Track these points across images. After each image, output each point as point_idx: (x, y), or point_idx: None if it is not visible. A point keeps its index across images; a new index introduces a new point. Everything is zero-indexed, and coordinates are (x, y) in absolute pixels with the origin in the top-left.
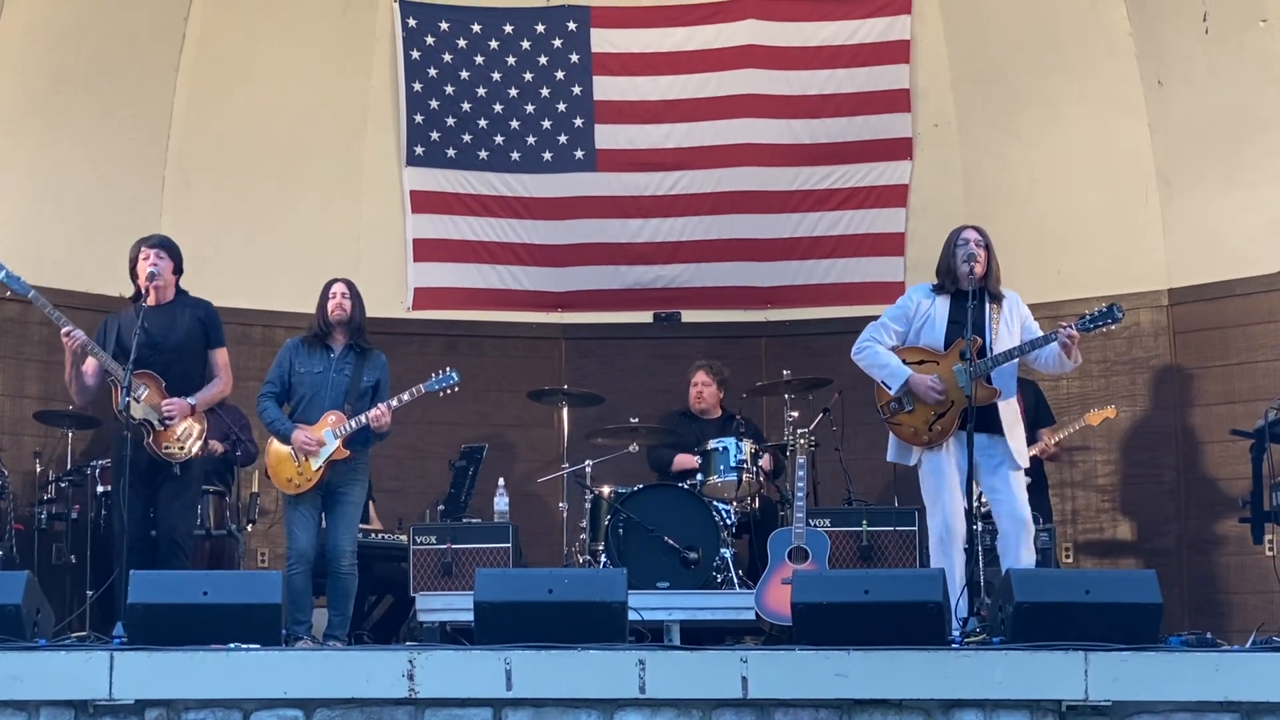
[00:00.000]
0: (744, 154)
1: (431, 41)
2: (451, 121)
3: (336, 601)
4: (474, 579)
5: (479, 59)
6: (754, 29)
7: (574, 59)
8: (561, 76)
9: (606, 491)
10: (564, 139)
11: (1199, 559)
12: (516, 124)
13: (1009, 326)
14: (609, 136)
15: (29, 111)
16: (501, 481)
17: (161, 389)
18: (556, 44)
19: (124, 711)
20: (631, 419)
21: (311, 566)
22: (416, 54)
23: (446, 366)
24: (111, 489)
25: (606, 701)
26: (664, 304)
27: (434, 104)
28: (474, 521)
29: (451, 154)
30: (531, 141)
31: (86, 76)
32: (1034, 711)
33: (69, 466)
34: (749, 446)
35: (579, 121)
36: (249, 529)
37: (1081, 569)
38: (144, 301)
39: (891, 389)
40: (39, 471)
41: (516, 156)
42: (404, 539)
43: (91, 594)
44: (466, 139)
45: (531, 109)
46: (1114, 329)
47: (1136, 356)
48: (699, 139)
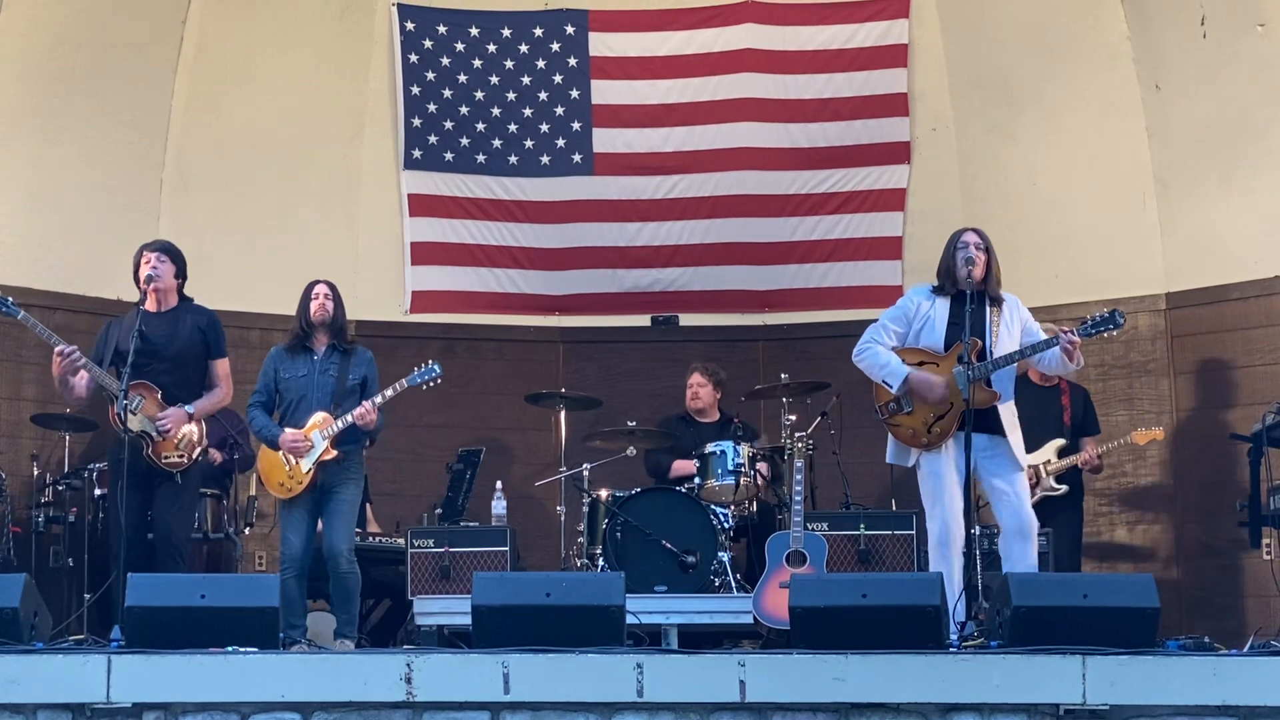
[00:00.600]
0: (742, 158)
1: (429, 45)
2: (449, 125)
3: (341, 602)
4: (471, 582)
5: (477, 62)
6: (752, 33)
7: (572, 62)
8: (559, 80)
9: (604, 495)
10: (562, 142)
11: (1196, 563)
12: (514, 127)
13: (1009, 329)
14: (607, 140)
15: (27, 113)
16: (499, 485)
17: (158, 399)
18: (554, 47)
19: (121, 714)
20: (629, 422)
21: (305, 570)
22: (414, 57)
23: (429, 359)
24: (109, 492)
25: (604, 705)
26: (662, 307)
27: (432, 107)
28: (471, 525)
29: (449, 157)
30: (529, 145)
31: (85, 79)
32: (1032, 715)
33: (66, 469)
34: (746, 450)
35: (577, 125)
36: (246, 532)
37: (1079, 573)
38: (143, 305)
39: (893, 387)
40: (36, 474)
41: (514, 160)
42: (401, 542)
43: (89, 597)
44: (464, 142)
45: (529, 112)
46: (1114, 333)
47: (1134, 360)
48: (697, 143)
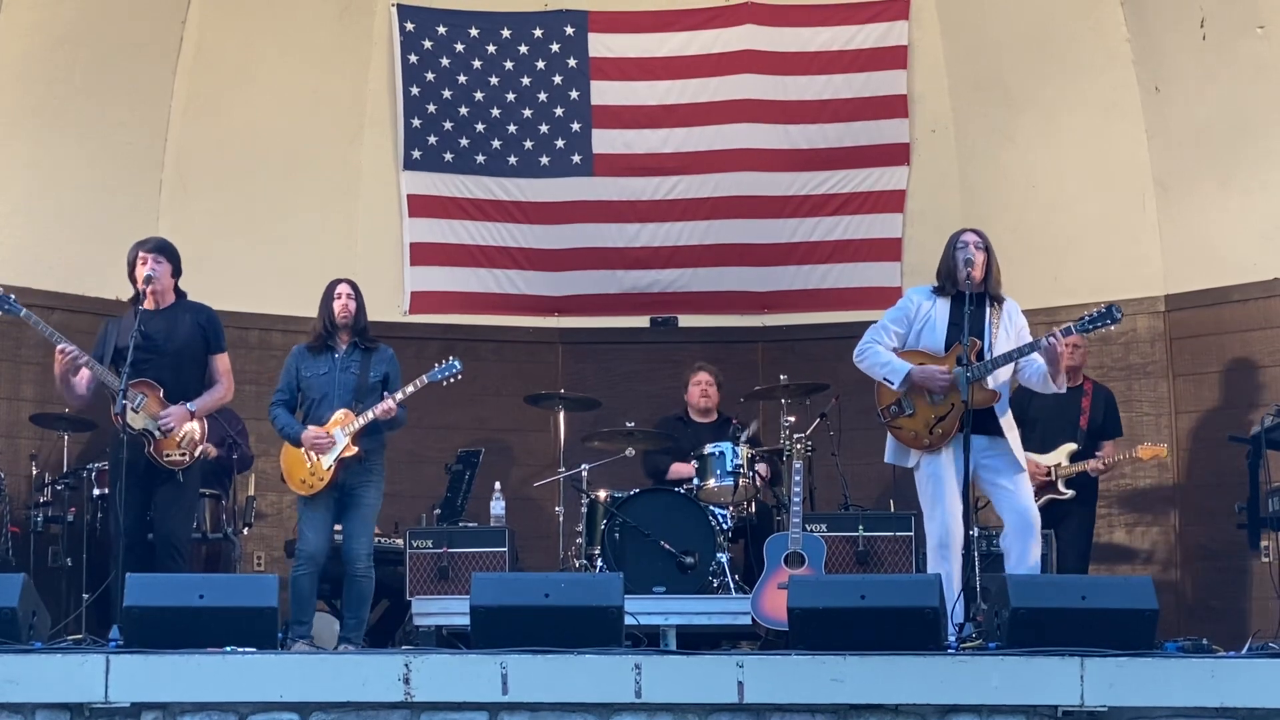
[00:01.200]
0: (741, 159)
1: (429, 45)
2: (449, 126)
3: (353, 605)
4: (470, 583)
5: (476, 63)
6: (752, 34)
7: (571, 63)
8: (559, 81)
9: (603, 496)
10: (561, 143)
11: (1195, 565)
12: (514, 128)
13: (1007, 331)
14: (606, 141)
15: (27, 113)
16: (498, 486)
17: (159, 397)
18: (554, 48)
19: (120, 714)
20: (628, 423)
21: (320, 569)
22: (414, 58)
23: (449, 355)
24: (109, 491)
25: (602, 705)
26: (661, 309)
27: (431, 108)
28: (470, 525)
29: (449, 158)
30: (529, 146)
31: (85, 79)
32: (1030, 717)
33: (65, 469)
34: (745, 451)
35: (576, 126)
36: (245, 532)
37: (1078, 575)
38: (142, 305)
39: (895, 385)
40: (35, 474)
41: (514, 161)
42: (400, 543)
43: (87, 597)
44: (464, 143)
45: (529, 113)
46: (1112, 334)
47: (1133, 362)
48: (696, 144)
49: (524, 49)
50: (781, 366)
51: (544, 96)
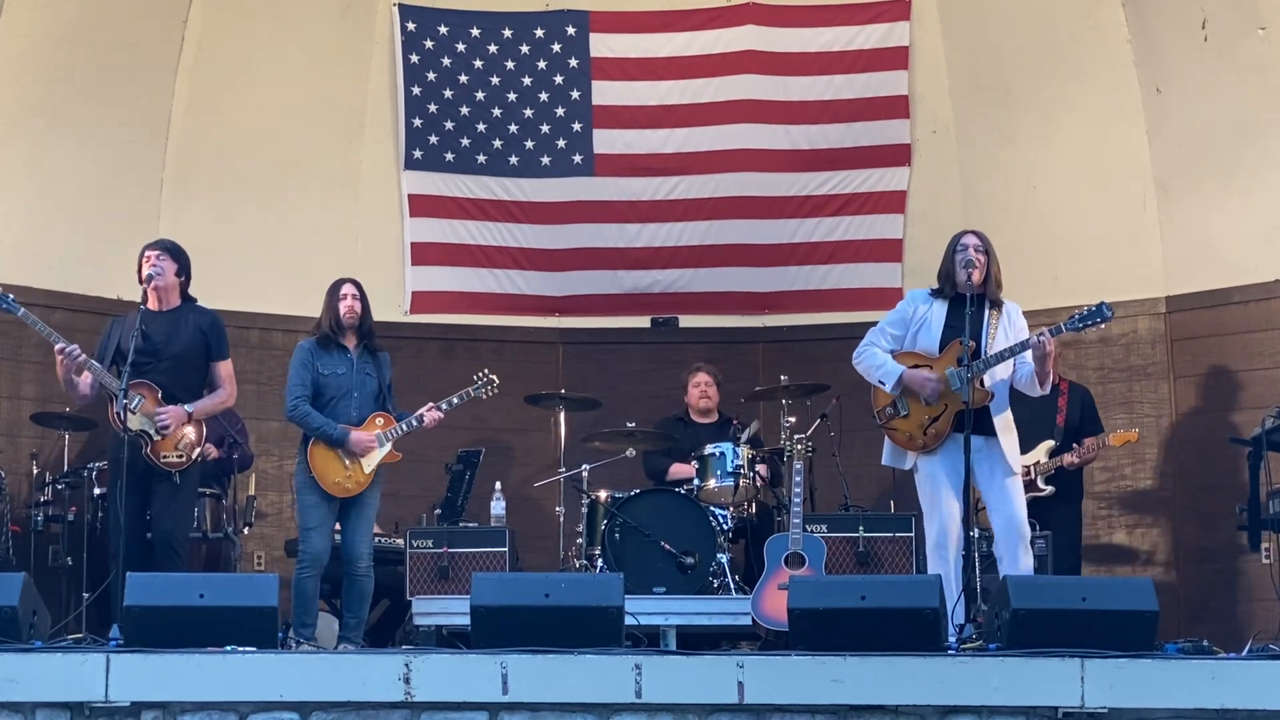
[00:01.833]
0: (742, 159)
1: (430, 45)
2: (450, 125)
3: (352, 604)
4: (470, 583)
5: (478, 63)
6: (753, 34)
7: (573, 63)
8: (560, 81)
9: (603, 496)
10: (562, 143)
11: (1196, 567)
12: (515, 128)
13: (1006, 334)
14: (607, 141)
15: (28, 113)
16: (498, 486)
17: (157, 399)
18: (555, 48)
19: (120, 714)
20: (628, 424)
21: (322, 570)
22: (415, 58)
23: (485, 369)
24: (108, 491)
25: (602, 706)
26: (661, 309)
27: (432, 108)
28: (470, 525)
29: (450, 158)
30: (530, 146)
31: (85, 78)
32: (1030, 718)
33: (65, 468)
34: (746, 452)
35: (577, 126)
36: (245, 532)
37: (1078, 576)
38: (145, 304)
39: (887, 386)
40: (35, 473)
41: (515, 161)
42: (400, 543)
43: (88, 596)
44: (465, 143)
45: (530, 113)
46: (1113, 335)
47: (1134, 364)
48: (697, 144)
49: (525, 49)
50: (782, 367)
51: (545, 96)
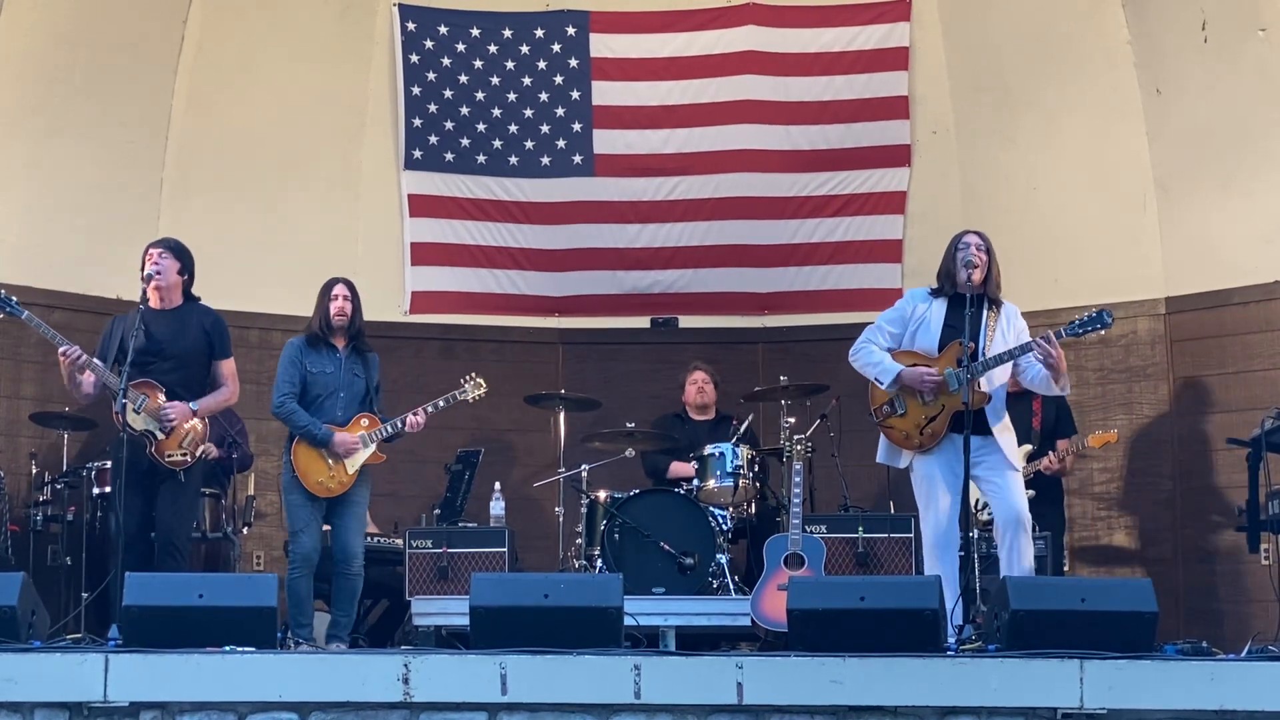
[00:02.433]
0: (742, 160)
1: (430, 45)
2: (450, 125)
3: (343, 603)
4: (469, 583)
5: (478, 63)
6: (753, 35)
7: (573, 63)
8: (560, 81)
9: (602, 496)
10: (562, 143)
11: (1195, 568)
12: (515, 128)
13: (1004, 335)
14: (607, 141)
15: (28, 112)
16: (498, 486)
17: (161, 399)
18: (555, 48)
19: (119, 714)
20: (628, 424)
21: (314, 570)
22: (415, 58)
23: (473, 373)
24: (110, 490)
25: (601, 706)
26: (661, 309)
27: (432, 108)
28: (470, 526)
29: (450, 158)
30: (530, 146)
31: (85, 78)
32: (1029, 719)
33: (65, 468)
34: (745, 452)
35: (577, 126)
36: (245, 532)
37: (1077, 577)
38: (146, 303)
39: (884, 384)
40: (35, 473)
41: (514, 161)
42: (400, 543)
43: (87, 596)
44: (465, 143)
45: (530, 113)
46: (1112, 336)
47: (1133, 365)
48: (697, 144)
49: (525, 49)
50: (781, 367)
51: (545, 96)
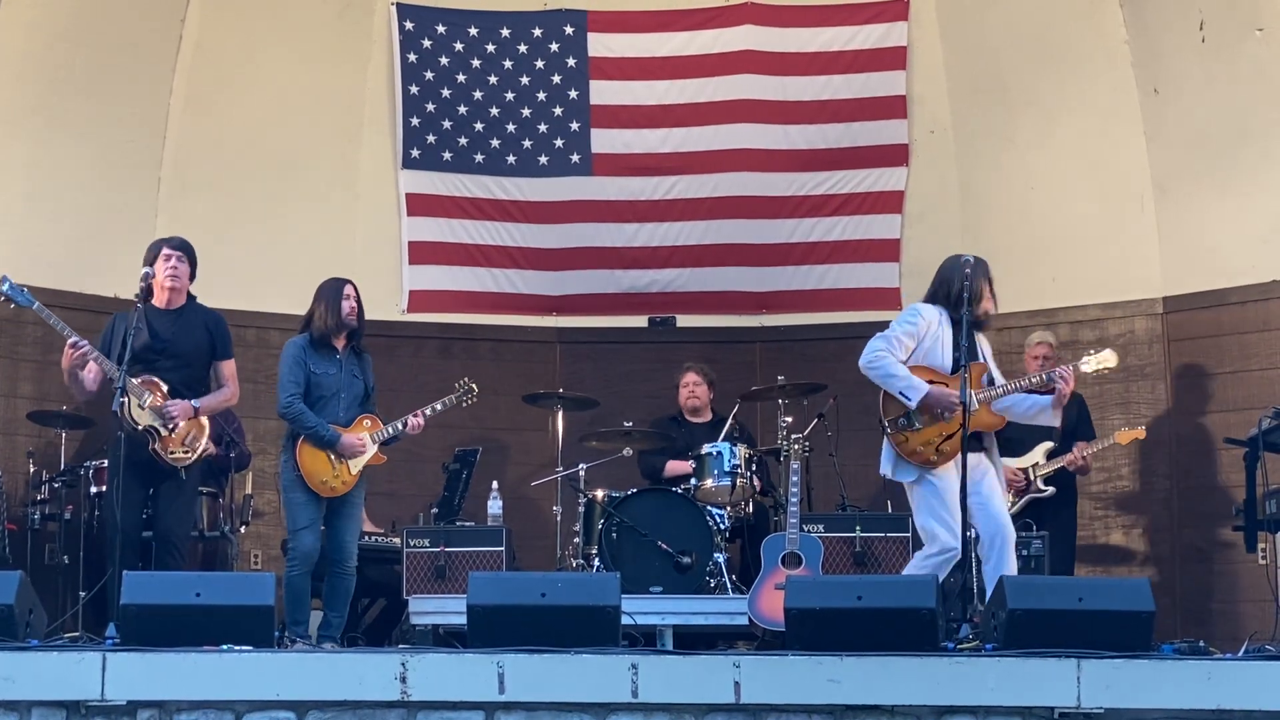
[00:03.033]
0: (740, 159)
1: (428, 44)
2: (448, 125)
3: (337, 603)
4: (467, 582)
5: (475, 62)
6: (751, 34)
7: (571, 63)
8: (558, 80)
9: (600, 495)
10: (560, 143)
11: (1192, 567)
12: (513, 127)
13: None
14: (605, 141)
15: (26, 112)
16: (495, 485)
17: (164, 395)
18: (553, 48)
19: (116, 712)
20: (625, 423)
21: (313, 569)
22: (413, 57)
23: (465, 378)
24: (107, 489)
25: (599, 705)
26: (659, 308)
27: (430, 107)
28: (467, 525)
29: (447, 157)
30: (527, 145)
31: (83, 78)
32: (1026, 718)
33: (62, 467)
34: (743, 451)
35: (575, 125)
36: (242, 530)
37: (1075, 576)
38: (151, 302)
39: (911, 401)
40: (32, 472)
41: (512, 160)
42: (397, 542)
43: (84, 595)
44: (462, 142)
45: (528, 113)
46: (1109, 336)
47: (1131, 364)
48: (695, 144)
49: (523, 48)
50: (779, 367)
51: (543, 96)
